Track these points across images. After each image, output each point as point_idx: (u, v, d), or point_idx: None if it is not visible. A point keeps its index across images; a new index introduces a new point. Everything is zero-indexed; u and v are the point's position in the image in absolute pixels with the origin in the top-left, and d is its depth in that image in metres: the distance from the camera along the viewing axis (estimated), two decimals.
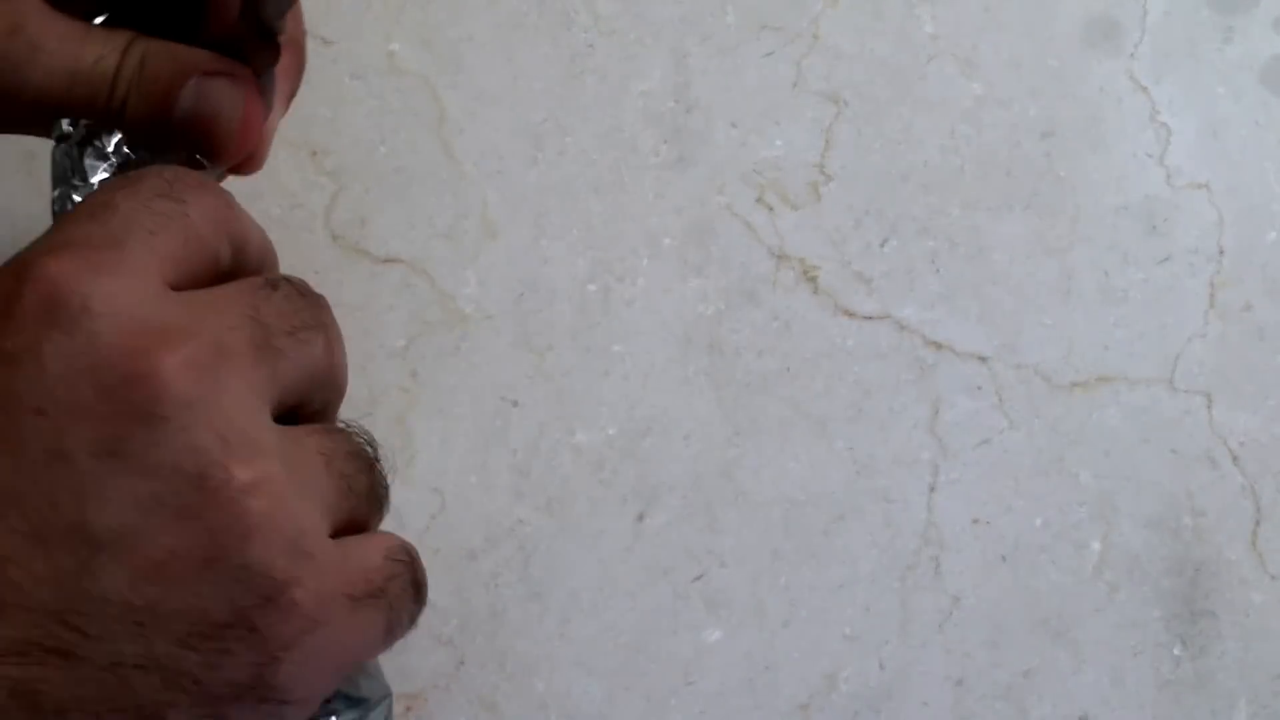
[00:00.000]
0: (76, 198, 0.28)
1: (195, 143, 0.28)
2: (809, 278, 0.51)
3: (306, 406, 0.28)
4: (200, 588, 0.22)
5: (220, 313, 0.25)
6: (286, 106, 0.32)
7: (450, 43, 0.52)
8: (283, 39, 0.30)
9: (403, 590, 0.28)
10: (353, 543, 0.27)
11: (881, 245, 0.51)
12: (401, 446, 0.49)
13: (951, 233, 0.52)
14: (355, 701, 0.29)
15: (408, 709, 0.47)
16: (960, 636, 0.48)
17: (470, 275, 0.50)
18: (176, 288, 0.25)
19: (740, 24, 0.53)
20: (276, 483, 0.23)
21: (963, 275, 0.51)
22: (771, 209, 0.51)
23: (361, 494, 0.27)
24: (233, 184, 0.51)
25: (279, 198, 0.51)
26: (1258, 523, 0.49)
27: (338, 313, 0.32)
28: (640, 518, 0.49)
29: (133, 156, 0.28)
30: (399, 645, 0.46)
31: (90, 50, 0.27)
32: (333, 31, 0.52)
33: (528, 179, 0.51)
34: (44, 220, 0.50)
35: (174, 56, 0.28)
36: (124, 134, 0.28)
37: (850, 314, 0.51)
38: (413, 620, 0.29)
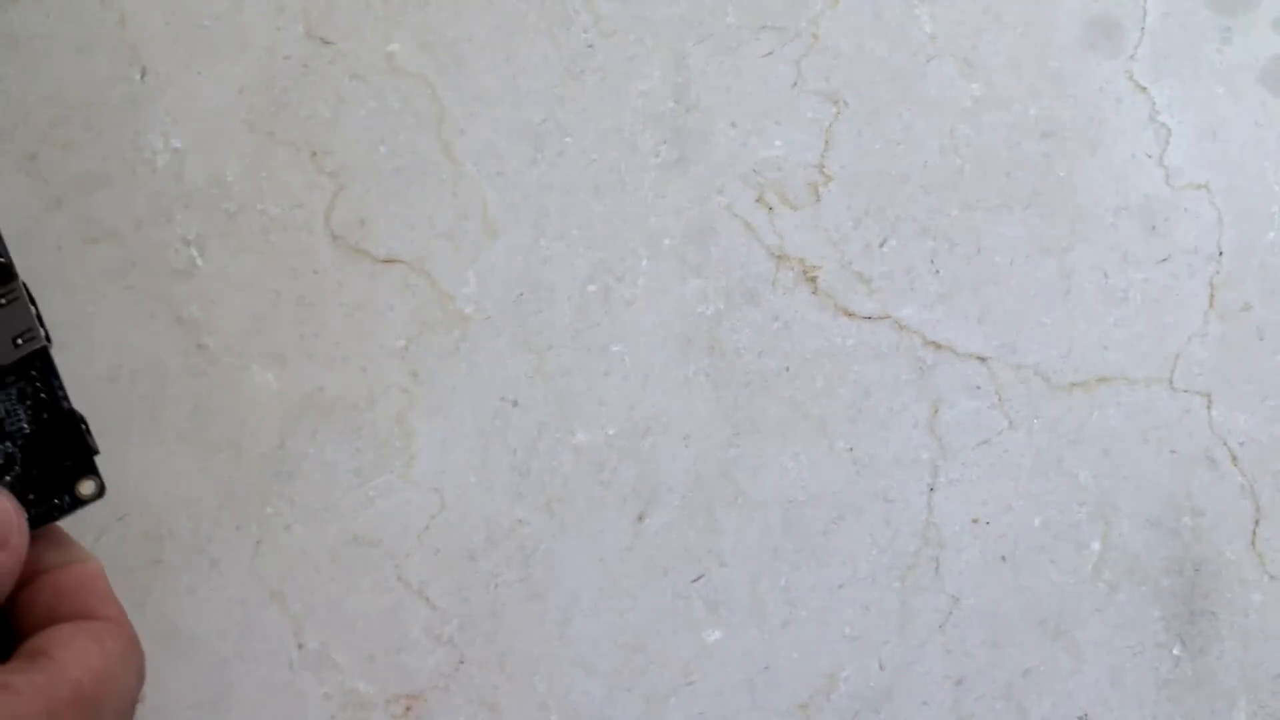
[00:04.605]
0: None
1: None
2: (809, 278, 0.51)
3: None
4: None
5: None
6: None
7: (450, 43, 0.52)
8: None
9: None
10: None
11: (881, 245, 0.51)
12: (401, 446, 0.49)
13: (951, 233, 0.52)
14: None
15: (408, 709, 0.47)
16: (960, 636, 0.48)
17: (470, 275, 0.50)
18: None
19: (740, 24, 0.53)
20: None
21: (962, 275, 0.51)
22: (771, 209, 0.52)
23: None
24: (231, 185, 0.51)
25: (279, 198, 0.51)
26: (1257, 523, 0.50)
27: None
28: (640, 518, 0.49)
29: None
30: (399, 645, 0.47)
31: None
32: (333, 31, 0.52)
33: (528, 179, 0.51)
34: (43, 219, 0.50)
35: None
36: None
37: (850, 314, 0.51)
38: None
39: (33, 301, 0.32)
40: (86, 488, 0.32)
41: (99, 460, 0.32)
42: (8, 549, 0.29)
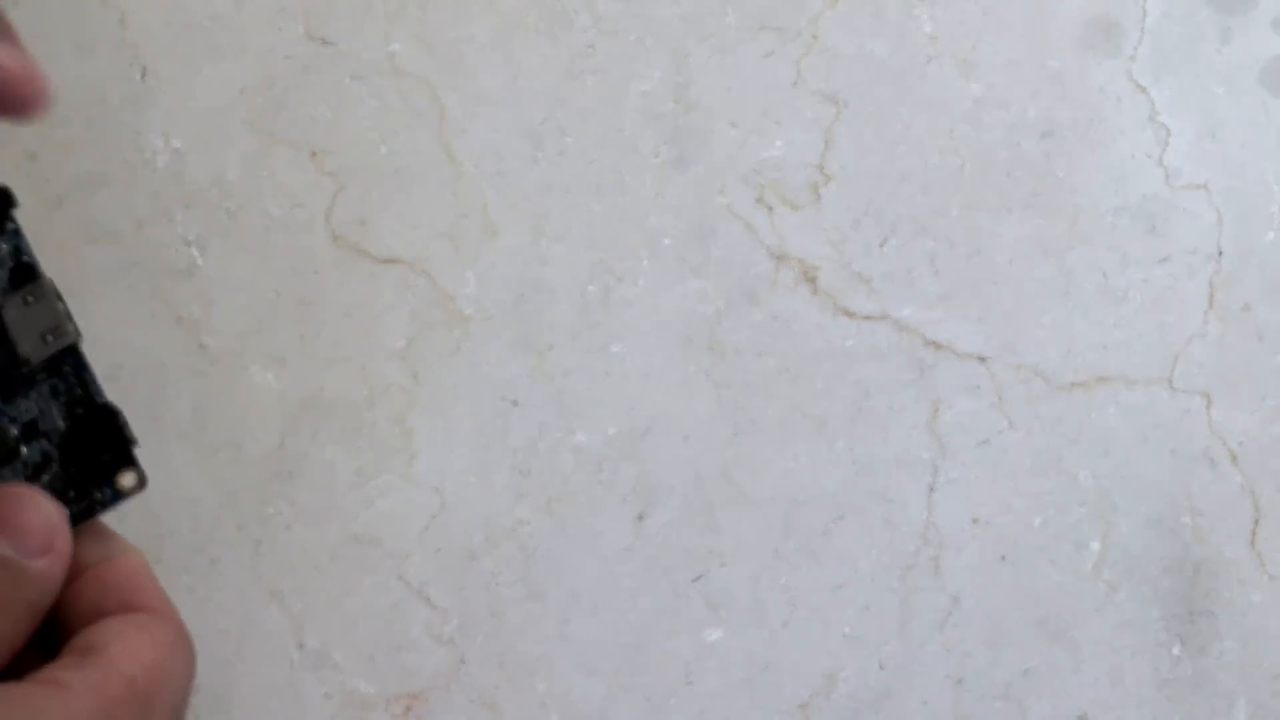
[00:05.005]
0: None
1: None
2: (809, 278, 0.51)
3: None
4: None
5: None
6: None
7: (450, 43, 0.52)
8: None
9: None
10: None
11: (881, 245, 0.51)
12: (402, 446, 0.49)
13: (951, 233, 0.52)
14: None
15: (408, 709, 0.47)
16: (960, 636, 0.48)
17: (470, 275, 0.50)
18: None
19: (740, 24, 0.53)
20: None
21: (962, 275, 0.51)
22: (771, 209, 0.52)
23: None
24: (231, 185, 0.51)
25: (279, 198, 0.51)
26: (1256, 522, 0.50)
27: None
28: (640, 518, 0.49)
29: None
30: (399, 645, 0.47)
31: None
32: (333, 32, 0.52)
33: (528, 179, 0.51)
34: (44, 219, 0.50)
35: None
36: None
37: (850, 314, 0.51)
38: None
39: (59, 298, 0.32)
40: (127, 480, 0.32)
41: (138, 451, 0.32)
42: (53, 553, 0.29)
